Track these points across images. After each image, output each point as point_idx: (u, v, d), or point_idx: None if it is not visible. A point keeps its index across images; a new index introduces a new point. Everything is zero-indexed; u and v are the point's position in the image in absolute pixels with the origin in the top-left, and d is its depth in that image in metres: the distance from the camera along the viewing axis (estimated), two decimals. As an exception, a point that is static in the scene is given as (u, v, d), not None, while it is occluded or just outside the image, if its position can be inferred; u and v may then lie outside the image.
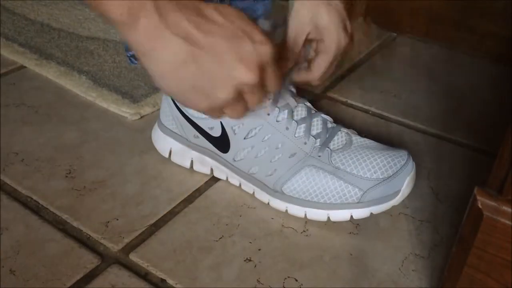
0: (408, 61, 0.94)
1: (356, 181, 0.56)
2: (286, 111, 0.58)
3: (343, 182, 0.56)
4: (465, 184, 0.65)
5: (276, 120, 0.57)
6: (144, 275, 0.53)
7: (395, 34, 1.03)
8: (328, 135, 0.59)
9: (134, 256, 0.54)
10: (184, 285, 0.52)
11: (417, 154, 0.60)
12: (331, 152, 0.57)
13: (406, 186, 0.57)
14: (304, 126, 0.58)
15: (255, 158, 0.58)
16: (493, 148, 0.71)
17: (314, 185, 0.57)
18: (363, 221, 0.59)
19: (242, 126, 0.57)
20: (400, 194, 0.57)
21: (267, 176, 0.58)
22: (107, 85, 0.80)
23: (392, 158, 0.57)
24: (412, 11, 1.00)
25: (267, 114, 0.57)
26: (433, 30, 0.98)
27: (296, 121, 0.58)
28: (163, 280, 0.52)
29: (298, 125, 0.58)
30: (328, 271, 0.54)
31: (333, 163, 0.57)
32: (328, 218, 0.57)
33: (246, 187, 0.62)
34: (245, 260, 0.54)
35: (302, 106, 0.59)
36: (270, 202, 0.60)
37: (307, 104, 0.60)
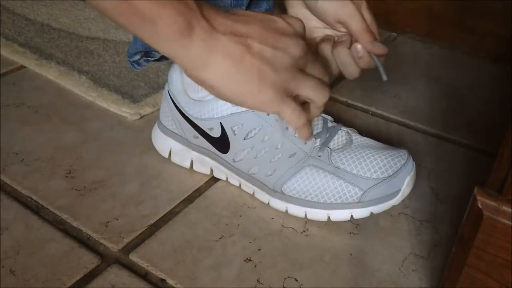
0: (408, 61, 0.94)
1: (356, 180, 0.56)
2: None
3: (343, 182, 0.56)
4: (465, 184, 0.65)
5: (276, 120, 0.57)
6: (144, 275, 0.53)
7: (395, 34, 1.03)
8: (328, 134, 0.59)
9: (134, 256, 0.54)
10: (184, 285, 0.52)
11: (417, 154, 0.60)
12: (331, 152, 0.57)
13: (406, 186, 0.57)
14: None
15: (254, 158, 0.58)
16: (493, 148, 0.71)
17: (314, 184, 0.57)
18: (363, 221, 0.59)
19: (242, 126, 0.57)
20: (400, 194, 0.57)
21: (267, 176, 0.58)
22: (107, 85, 0.80)
23: (392, 157, 0.57)
24: (412, 11, 1.00)
25: (267, 114, 0.57)
26: (433, 30, 0.98)
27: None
28: (163, 280, 0.52)
29: None
30: (328, 271, 0.54)
31: (333, 163, 0.57)
32: (328, 218, 0.57)
33: (246, 187, 0.62)
34: (245, 260, 0.54)
35: None
36: (270, 202, 0.60)
37: (307, 104, 0.60)
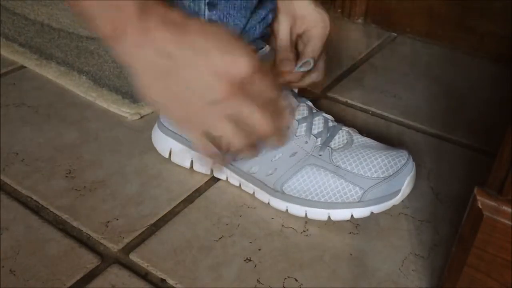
0: (408, 61, 0.94)
1: (356, 180, 0.56)
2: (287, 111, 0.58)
3: (344, 181, 0.56)
4: (465, 184, 0.65)
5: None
6: (144, 275, 0.53)
7: (395, 34, 1.03)
8: (329, 134, 0.59)
9: (134, 256, 0.54)
10: (184, 285, 0.52)
11: (417, 154, 0.60)
12: (332, 151, 0.57)
13: (407, 186, 0.57)
14: (305, 125, 0.58)
15: (255, 157, 0.58)
16: (493, 148, 0.71)
17: (314, 183, 0.57)
18: (363, 221, 0.59)
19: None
20: (401, 194, 0.57)
21: (267, 175, 0.58)
22: (107, 85, 0.80)
23: (393, 157, 0.57)
24: (412, 11, 1.00)
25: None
26: (433, 30, 0.98)
27: (297, 120, 0.58)
28: (163, 280, 0.52)
29: (299, 124, 0.58)
30: (328, 271, 0.54)
31: (334, 162, 0.57)
32: (328, 217, 0.57)
33: (246, 187, 0.62)
34: (245, 260, 0.54)
35: (303, 106, 0.59)
36: (270, 202, 0.60)
37: (308, 103, 0.60)
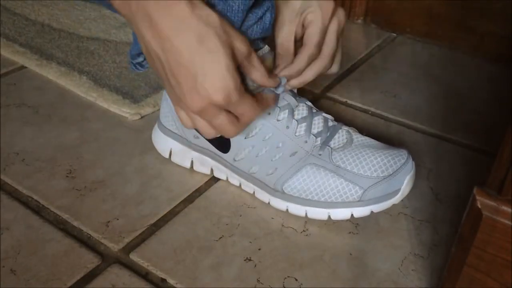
0: (408, 61, 0.94)
1: (356, 179, 0.56)
2: (287, 110, 0.58)
3: (344, 181, 0.56)
4: (465, 184, 0.65)
5: (277, 119, 0.57)
6: (144, 275, 0.53)
7: (395, 34, 1.03)
8: (329, 133, 0.59)
9: (134, 256, 0.54)
10: (184, 284, 0.52)
11: (417, 154, 0.60)
12: (332, 151, 0.58)
13: (406, 185, 0.57)
14: (304, 125, 0.58)
15: (255, 157, 0.58)
16: (493, 148, 0.71)
17: (314, 183, 0.57)
18: (363, 221, 0.59)
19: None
20: (400, 193, 0.57)
21: (267, 175, 0.58)
22: (108, 85, 0.80)
23: (392, 157, 0.57)
24: (412, 11, 1.00)
25: (268, 113, 0.57)
26: (433, 30, 0.99)
27: (296, 120, 0.58)
28: (163, 280, 0.52)
29: (299, 124, 0.58)
30: (328, 271, 0.54)
31: (333, 162, 0.57)
32: (328, 217, 0.57)
33: (246, 187, 0.62)
34: (245, 260, 0.55)
35: (303, 105, 0.59)
36: (271, 202, 0.60)
37: (307, 103, 0.60)
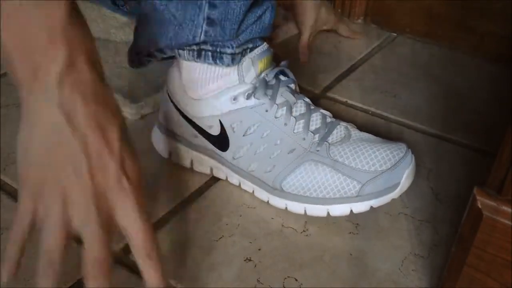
0: (408, 61, 0.94)
1: (354, 174, 0.56)
2: (285, 108, 0.58)
3: (342, 175, 0.56)
4: (465, 184, 0.65)
5: (275, 116, 0.57)
6: (144, 275, 0.53)
7: (395, 34, 1.03)
8: (327, 129, 0.59)
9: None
10: (184, 285, 0.52)
11: (417, 154, 0.59)
12: (330, 145, 0.57)
13: (406, 179, 0.56)
14: (303, 122, 0.58)
15: (254, 154, 0.58)
16: (493, 148, 0.71)
17: (312, 179, 0.57)
18: (363, 220, 0.59)
19: (241, 123, 0.58)
20: (400, 187, 0.56)
21: (266, 172, 0.58)
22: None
23: (391, 150, 0.57)
24: (412, 11, 1.00)
25: (266, 110, 0.57)
26: (433, 30, 0.99)
27: (294, 117, 0.58)
28: (163, 280, 0.52)
29: (297, 121, 0.58)
30: (328, 271, 0.54)
31: (331, 156, 0.57)
32: (327, 213, 0.57)
33: (246, 186, 0.62)
34: (245, 260, 0.54)
35: (301, 102, 0.59)
36: (270, 200, 0.60)
37: (306, 100, 0.60)
